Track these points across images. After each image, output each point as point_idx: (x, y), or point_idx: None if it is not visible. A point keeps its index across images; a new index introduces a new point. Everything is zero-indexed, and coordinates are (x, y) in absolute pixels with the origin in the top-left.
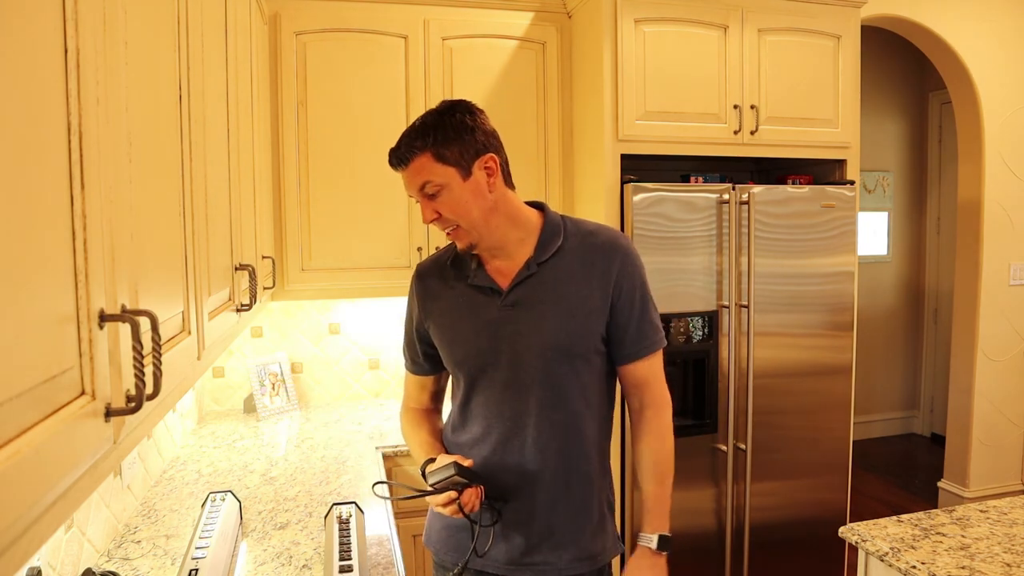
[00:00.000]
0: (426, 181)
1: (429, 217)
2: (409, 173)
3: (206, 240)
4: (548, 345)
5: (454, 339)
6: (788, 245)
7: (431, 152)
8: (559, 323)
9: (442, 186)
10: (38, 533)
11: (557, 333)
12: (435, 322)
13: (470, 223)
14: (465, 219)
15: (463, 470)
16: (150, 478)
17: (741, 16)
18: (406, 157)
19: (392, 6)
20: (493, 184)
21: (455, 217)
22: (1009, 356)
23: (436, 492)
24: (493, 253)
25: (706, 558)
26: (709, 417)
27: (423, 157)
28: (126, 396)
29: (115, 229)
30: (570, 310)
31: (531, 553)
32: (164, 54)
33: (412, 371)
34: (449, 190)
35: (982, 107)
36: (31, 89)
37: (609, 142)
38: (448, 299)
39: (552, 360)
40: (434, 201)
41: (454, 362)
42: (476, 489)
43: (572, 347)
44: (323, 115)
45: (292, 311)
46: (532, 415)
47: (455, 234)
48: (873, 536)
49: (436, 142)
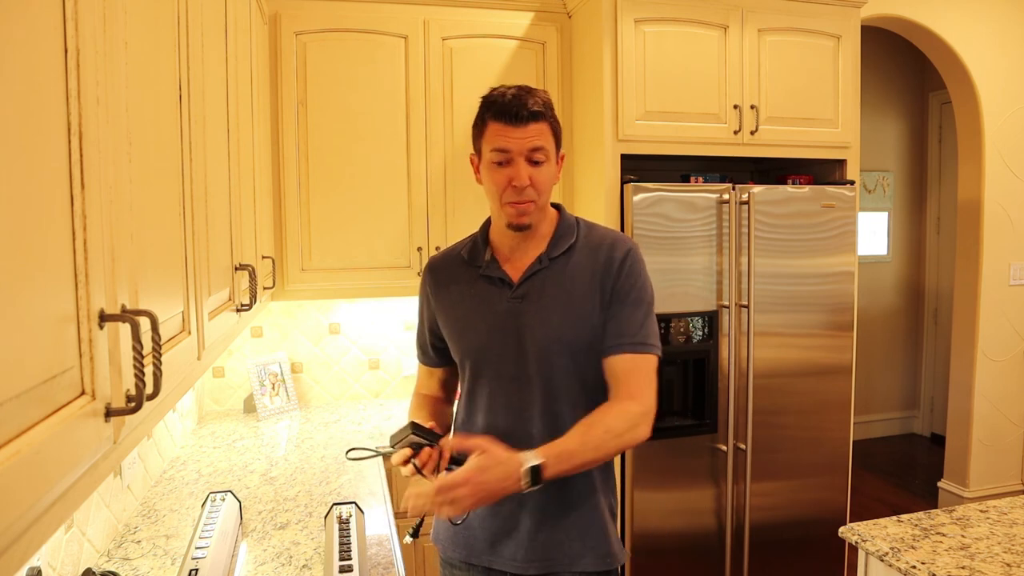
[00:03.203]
0: (540, 147)
1: (526, 181)
2: (528, 132)
3: (206, 240)
4: (552, 339)
5: (463, 329)
6: (788, 245)
7: (550, 123)
8: (562, 318)
9: (548, 158)
10: (38, 533)
11: (561, 327)
12: (445, 313)
13: (543, 202)
14: (544, 196)
15: (420, 430)
16: (150, 478)
17: (741, 16)
18: (536, 115)
19: (392, 6)
20: (557, 177)
21: (540, 191)
22: (1009, 356)
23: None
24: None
25: (706, 558)
26: (709, 417)
27: (544, 124)
28: (126, 396)
29: (115, 229)
30: (574, 306)
31: (535, 550)
32: (164, 54)
33: (422, 361)
34: (550, 165)
35: (982, 107)
36: (31, 89)
37: (609, 142)
38: (459, 290)
39: (555, 354)
40: (534, 168)
41: (461, 352)
42: (434, 450)
43: (574, 342)
44: (323, 115)
45: (292, 311)
46: (535, 408)
47: (526, 207)
48: (873, 536)
49: (553, 117)
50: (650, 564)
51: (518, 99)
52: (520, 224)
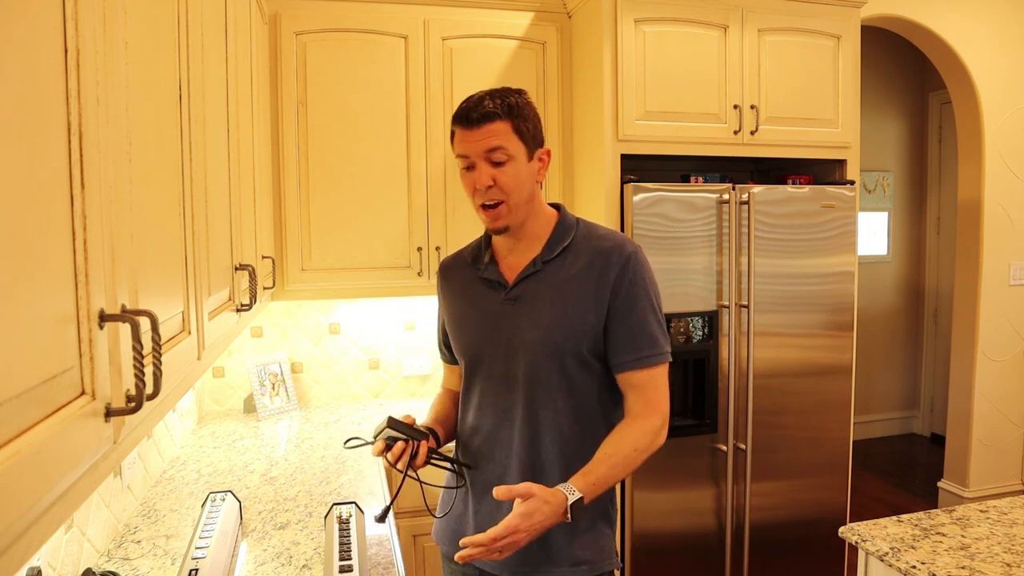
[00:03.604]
0: (499, 146)
1: (486, 182)
2: (482, 133)
3: (206, 240)
4: (540, 341)
5: (461, 328)
6: (788, 245)
7: (512, 122)
8: (552, 320)
9: (511, 157)
10: (38, 533)
11: (550, 330)
12: (449, 312)
13: (516, 202)
14: (515, 196)
15: (396, 424)
16: (150, 478)
17: (741, 16)
18: (490, 115)
19: (392, 6)
20: (542, 175)
21: (508, 192)
22: (1009, 356)
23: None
24: (511, 245)
25: (706, 558)
26: (709, 417)
27: (503, 123)
28: (126, 396)
29: (115, 229)
30: (565, 309)
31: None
32: (164, 54)
33: (441, 357)
34: (514, 164)
35: (982, 107)
36: (31, 89)
37: (609, 142)
38: (461, 290)
39: (543, 357)
40: (496, 169)
41: (459, 351)
42: (408, 444)
43: (563, 345)
44: (323, 115)
45: (292, 311)
46: (520, 409)
47: (495, 211)
48: (873, 536)
49: (517, 115)
50: (650, 564)
51: (473, 102)
52: (495, 228)
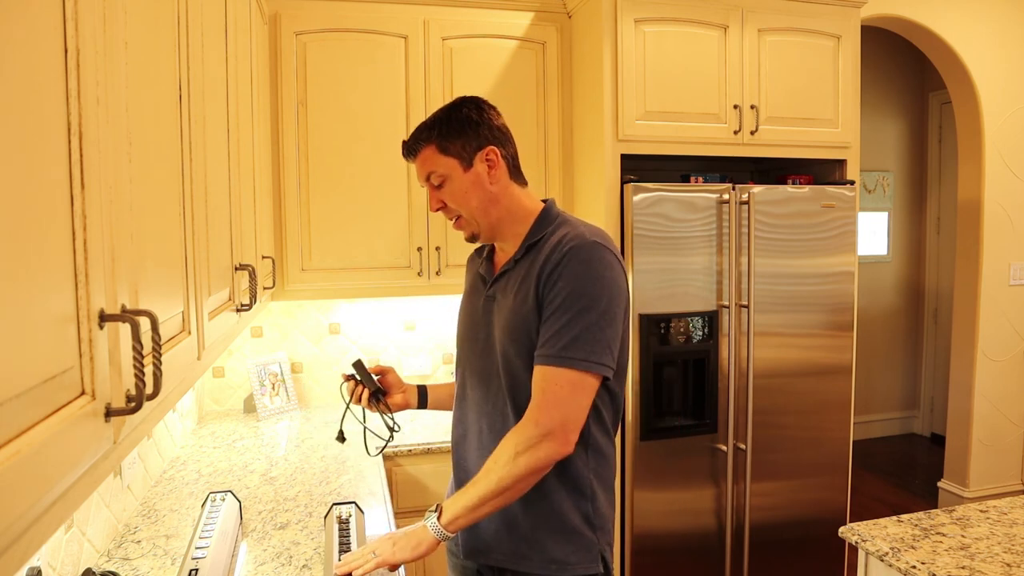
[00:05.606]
0: (431, 171)
1: (434, 206)
2: (417, 163)
3: (206, 240)
4: (503, 339)
5: (458, 321)
6: (788, 245)
7: (435, 144)
8: (508, 319)
9: (445, 176)
10: (38, 533)
11: (509, 329)
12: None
13: (469, 213)
14: (465, 208)
15: (359, 366)
16: (150, 478)
17: (741, 16)
18: (413, 148)
19: (392, 6)
20: (495, 176)
21: (456, 206)
22: (1009, 356)
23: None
24: (501, 243)
25: (706, 558)
26: (709, 417)
27: (428, 148)
28: (126, 396)
29: (115, 229)
30: (520, 307)
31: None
32: (164, 54)
33: None
34: (451, 180)
35: (982, 107)
36: (31, 89)
37: (609, 142)
38: (468, 283)
39: (509, 355)
40: (439, 191)
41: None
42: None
43: (518, 343)
44: (323, 115)
45: (292, 311)
46: (488, 405)
47: (458, 224)
48: (873, 536)
49: (440, 135)
50: (650, 564)
51: (410, 137)
52: (468, 238)
